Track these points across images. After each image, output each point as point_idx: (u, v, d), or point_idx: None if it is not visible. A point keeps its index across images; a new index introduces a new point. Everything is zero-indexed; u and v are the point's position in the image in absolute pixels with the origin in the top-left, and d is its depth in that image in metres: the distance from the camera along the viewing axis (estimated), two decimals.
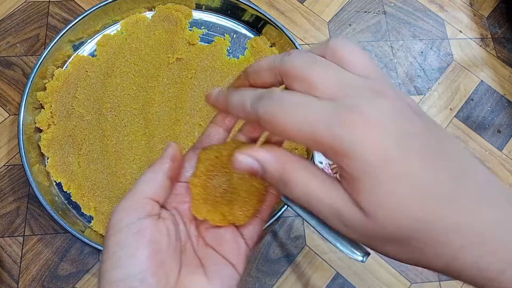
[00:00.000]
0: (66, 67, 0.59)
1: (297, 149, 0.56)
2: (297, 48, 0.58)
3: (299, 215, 0.49)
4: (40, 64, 0.55)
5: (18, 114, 0.53)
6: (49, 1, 0.64)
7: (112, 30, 0.62)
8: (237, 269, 0.29)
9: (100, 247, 0.48)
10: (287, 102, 0.22)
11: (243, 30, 0.64)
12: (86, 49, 0.61)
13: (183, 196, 0.30)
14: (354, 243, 0.47)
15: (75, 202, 0.53)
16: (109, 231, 0.26)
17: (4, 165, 0.56)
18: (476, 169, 0.22)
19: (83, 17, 0.58)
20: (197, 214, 0.29)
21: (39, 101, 0.56)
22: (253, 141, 0.31)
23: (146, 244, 0.25)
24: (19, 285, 0.50)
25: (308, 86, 0.22)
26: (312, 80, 0.22)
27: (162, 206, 0.29)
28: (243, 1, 0.61)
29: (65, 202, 0.53)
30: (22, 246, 0.52)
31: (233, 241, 0.29)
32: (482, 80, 0.64)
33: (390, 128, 0.20)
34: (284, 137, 0.23)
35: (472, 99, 0.63)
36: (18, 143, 0.52)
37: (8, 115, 0.58)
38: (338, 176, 0.34)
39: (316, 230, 0.48)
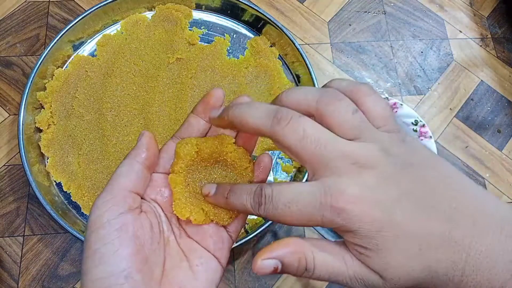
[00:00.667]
0: (66, 67, 0.59)
1: None
2: (296, 48, 0.58)
3: None
4: (40, 64, 0.55)
5: (18, 114, 0.53)
6: (49, 1, 0.64)
7: (112, 30, 0.62)
8: (221, 262, 0.28)
9: None
10: (285, 187, 0.24)
11: (243, 30, 0.64)
12: (86, 49, 0.61)
13: (162, 187, 0.29)
14: None
15: (75, 202, 0.53)
16: (90, 227, 0.25)
17: (4, 165, 0.56)
18: (466, 198, 0.23)
19: (83, 17, 0.58)
20: (179, 214, 0.28)
21: (39, 101, 0.56)
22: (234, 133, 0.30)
23: (129, 240, 0.25)
24: (19, 285, 0.50)
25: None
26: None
27: (142, 198, 0.28)
28: (243, 1, 0.61)
29: (65, 202, 0.53)
30: (22, 246, 0.52)
31: (217, 234, 0.29)
32: (482, 80, 0.64)
33: (375, 199, 0.22)
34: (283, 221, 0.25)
35: (472, 99, 0.63)
36: (18, 143, 0.52)
37: (8, 115, 0.58)
38: None
39: (316, 230, 0.48)
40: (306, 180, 0.24)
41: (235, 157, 0.29)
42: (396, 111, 0.54)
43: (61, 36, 0.57)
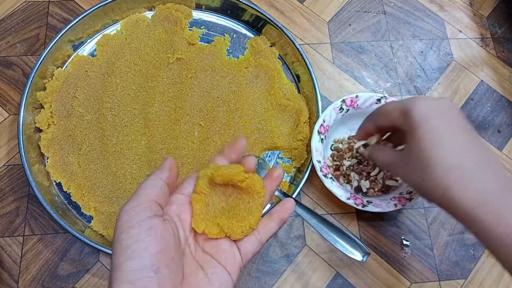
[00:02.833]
0: (66, 67, 0.59)
1: (296, 149, 0.56)
2: (296, 48, 0.58)
3: (299, 215, 0.49)
4: (40, 64, 0.55)
5: (18, 114, 0.53)
6: (49, 1, 0.64)
7: (112, 30, 0.62)
8: (232, 277, 0.31)
9: (100, 247, 0.48)
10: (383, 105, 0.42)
11: (243, 30, 0.63)
12: (86, 49, 0.61)
13: (185, 206, 0.33)
14: (354, 243, 0.47)
15: (75, 202, 0.53)
16: (120, 228, 0.28)
17: (4, 165, 0.56)
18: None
19: (83, 17, 0.58)
20: (196, 227, 0.32)
21: (39, 101, 0.56)
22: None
23: (158, 240, 0.27)
24: (19, 285, 0.50)
25: None
26: None
27: (166, 214, 0.31)
28: (243, 1, 0.61)
29: (65, 202, 0.53)
30: (22, 246, 0.52)
31: (230, 250, 0.32)
32: (482, 80, 0.64)
33: (432, 106, 0.36)
34: (383, 117, 0.42)
35: (472, 99, 0.63)
36: (18, 143, 0.52)
37: (8, 115, 0.58)
38: (333, 174, 0.44)
39: (316, 230, 0.48)
40: (306, 180, 0.26)
41: (249, 183, 0.33)
42: None
43: (61, 36, 0.57)
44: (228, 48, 0.62)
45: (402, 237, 0.55)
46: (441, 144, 0.34)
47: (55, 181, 0.54)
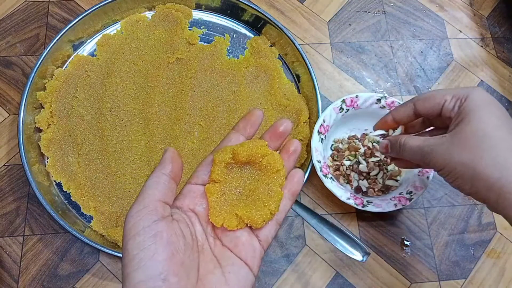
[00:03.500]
0: (66, 67, 0.59)
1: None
2: (296, 48, 0.58)
3: (299, 215, 0.49)
4: (40, 64, 0.55)
5: (18, 114, 0.53)
6: (49, 1, 0.64)
7: (112, 30, 0.62)
8: (253, 270, 0.30)
9: (100, 247, 0.48)
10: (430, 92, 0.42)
11: (243, 30, 0.63)
12: (86, 49, 0.61)
13: (199, 198, 0.31)
14: (354, 243, 0.47)
15: (75, 202, 0.53)
16: (127, 235, 0.27)
17: (4, 165, 0.56)
18: None
19: (83, 17, 0.58)
20: (215, 222, 0.30)
21: (39, 101, 0.56)
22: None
23: (164, 246, 0.26)
24: (19, 285, 0.50)
25: None
26: None
27: (178, 208, 0.30)
28: (243, 1, 0.61)
29: (65, 202, 0.53)
30: (22, 246, 0.52)
31: (249, 243, 0.30)
32: (482, 80, 0.64)
33: (492, 98, 0.37)
34: (429, 103, 0.40)
35: None
36: (18, 143, 0.52)
37: (8, 115, 0.58)
38: (333, 174, 0.43)
39: (316, 230, 0.48)
40: (306, 180, 0.25)
41: (269, 160, 0.30)
42: None
43: (61, 36, 0.57)
44: (228, 48, 0.62)
45: (402, 237, 0.55)
46: (502, 126, 0.35)
47: (55, 181, 0.54)
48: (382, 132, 0.46)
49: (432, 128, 0.45)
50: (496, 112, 0.36)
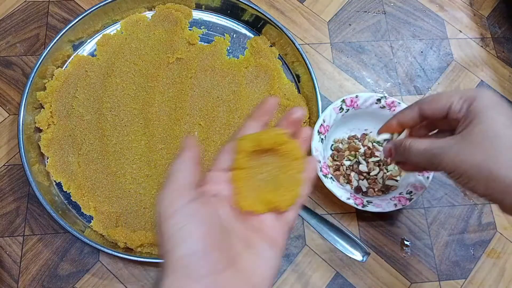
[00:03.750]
0: (66, 67, 0.59)
1: None
2: (296, 48, 0.58)
3: (299, 215, 0.49)
4: (40, 64, 0.55)
5: (18, 114, 0.53)
6: (49, 1, 0.64)
7: (112, 30, 0.62)
8: (279, 252, 0.31)
9: (100, 247, 0.48)
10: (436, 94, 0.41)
11: (243, 30, 0.63)
12: (86, 49, 0.61)
13: (223, 184, 0.32)
14: (354, 243, 0.47)
15: (75, 202, 0.53)
16: (163, 215, 0.28)
17: (4, 165, 0.56)
18: None
19: (83, 17, 0.58)
20: (242, 206, 0.31)
21: (39, 101, 0.56)
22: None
23: (201, 224, 0.27)
24: (19, 285, 0.50)
25: None
26: None
27: (204, 192, 0.31)
28: (243, 1, 0.61)
29: (65, 202, 0.53)
30: (22, 246, 0.52)
31: (274, 226, 0.31)
32: (482, 80, 0.64)
33: (500, 100, 0.36)
34: (435, 105, 0.39)
35: None
36: (18, 143, 0.52)
37: (8, 115, 0.58)
38: (333, 174, 0.41)
39: (316, 230, 0.48)
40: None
41: (289, 147, 0.31)
42: (394, 110, 0.54)
43: (61, 36, 0.57)
44: (228, 48, 0.62)
45: (402, 237, 0.55)
46: None
47: (55, 181, 0.54)
48: (387, 136, 0.45)
49: (435, 131, 0.44)
50: (505, 112, 0.35)
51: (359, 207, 0.50)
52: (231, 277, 0.27)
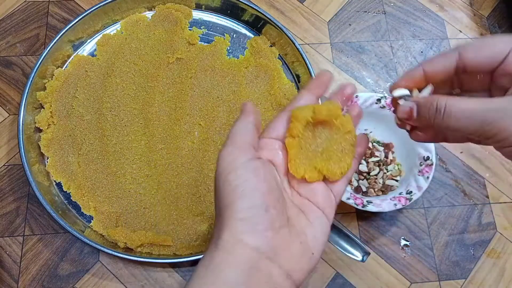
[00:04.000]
0: (66, 67, 0.59)
1: None
2: (296, 48, 0.58)
3: None
4: (40, 64, 0.55)
5: (18, 114, 0.53)
6: (49, 1, 0.64)
7: (112, 30, 0.62)
8: (329, 219, 0.31)
9: (100, 247, 0.48)
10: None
11: (243, 30, 0.63)
12: (86, 49, 0.61)
13: (277, 151, 0.32)
14: (354, 243, 0.47)
15: (75, 202, 0.53)
16: (225, 170, 0.28)
17: (4, 165, 0.56)
18: None
19: (83, 17, 0.58)
20: (295, 173, 0.31)
21: (39, 101, 0.56)
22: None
23: (263, 180, 0.28)
24: (19, 285, 0.50)
25: None
26: None
27: (260, 157, 0.31)
28: (243, 1, 0.61)
29: (65, 202, 0.53)
30: (22, 246, 0.52)
31: (325, 194, 0.31)
32: None
33: None
34: (484, 52, 0.30)
35: None
36: (18, 143, 0.52)
37: (8, 115, 0.58)
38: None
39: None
40: None
41: (342, 121, 0.32)
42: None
43: (61, 36, 0.57)
44: (228, 48, 0.62)
45: (402, 237, 0.55)
46: None
47: (55, 181, 0.54)
48: (404, 92, 0.34)
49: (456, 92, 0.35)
50: None
51: (359, 207, 0.50)
52: (287, 235, 0.28)
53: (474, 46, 0.30)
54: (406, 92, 0.34)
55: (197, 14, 0.64)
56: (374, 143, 0.56)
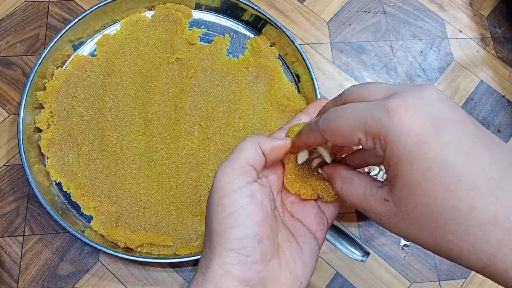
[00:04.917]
0: (66, 67, 0.59)
1: None
2: (296, 48, 0.58)
3: None
4: (40, 64, 0.55)
5: (18, 114, 0.53)
6: (49, 1, 0.64)
7: (112, 30, 0.62)
8: (320, 243, 0.30)
9: (100, 247, 0.48)
10: (340, 109, 0.25)
11: (243, 29, 0.63)
12: (86, 49, 0.61)
13: (272, 168, 0.31)
14: (354, 243, 0.47)
15: (75, 202, 0.53)
16: (222, 190, 0.27)
17: (3, 165, 0.56)
18: None
19: (83, 17, 0.58)
20: (290, 188, 0.31)
21: (39, 101, 0.56)
22: None
23: (259, 207, 0.27)
24: (19, 285, 0.50)
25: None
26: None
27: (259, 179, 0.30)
28: (243, 1, 0.61)
29: (65, 202, 0.53)
30: (22, 246, 0.52)
31: (317, 216, 0.31)
32: (482, 80, 0.64)
33: (430, 112, 0.21)
34: (339, 139, 0.25)
35: (472, 99, 0.63)
36: (18, 143, 0.52)
37: (8, 115, 0.58)
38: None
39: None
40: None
41: None
42: None
43: (61, 36, 0.57)
44: (228, 48, 0.62)
45: (402, 237, 0.55)
46: (451, 189, 0.20)
47: (55, 181, 0.54)
48: (305, 154, 0.32)
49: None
50: (430, 157, 0.21)
51: None
52: (277, 266, 0.28)
53: (330, 131, 0.26)
54: (305, 155, 0.32)
55: (197, 14, 0.64)
56: None
